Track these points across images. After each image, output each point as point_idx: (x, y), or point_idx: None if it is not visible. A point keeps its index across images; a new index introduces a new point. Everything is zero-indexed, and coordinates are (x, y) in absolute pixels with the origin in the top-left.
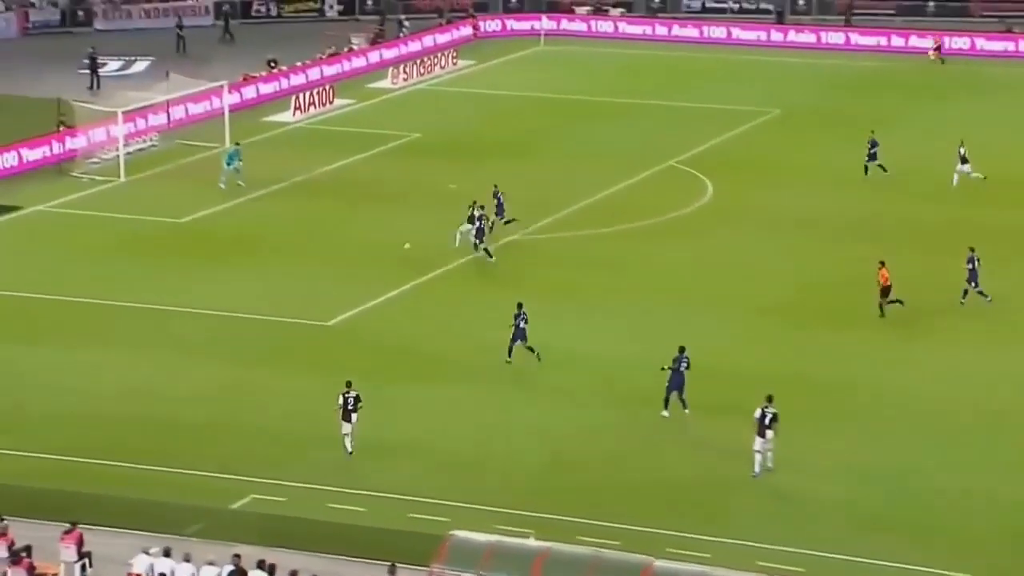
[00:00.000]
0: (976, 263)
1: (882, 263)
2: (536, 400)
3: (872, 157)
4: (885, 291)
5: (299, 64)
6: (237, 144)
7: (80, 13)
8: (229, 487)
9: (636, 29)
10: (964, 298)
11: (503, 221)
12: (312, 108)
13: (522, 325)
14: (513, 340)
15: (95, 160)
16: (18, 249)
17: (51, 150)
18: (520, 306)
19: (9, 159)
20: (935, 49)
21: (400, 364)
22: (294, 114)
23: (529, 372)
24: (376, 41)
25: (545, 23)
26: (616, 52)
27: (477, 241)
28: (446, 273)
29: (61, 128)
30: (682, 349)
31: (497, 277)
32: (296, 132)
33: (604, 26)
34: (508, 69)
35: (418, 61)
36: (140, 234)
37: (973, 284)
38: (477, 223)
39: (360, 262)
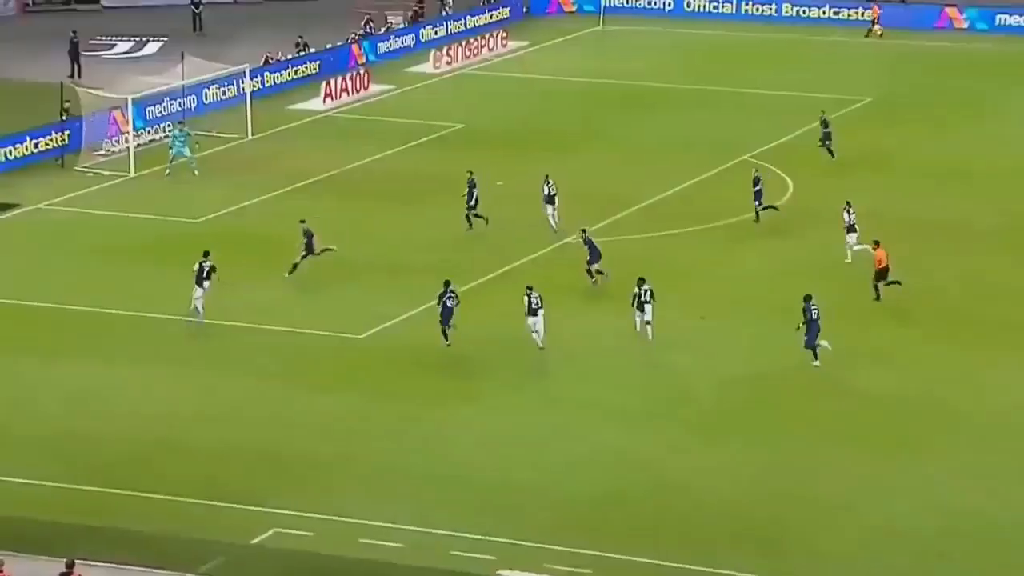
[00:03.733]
0: None
1: (876, 243)
2: (589, 423)
3: (825, 139)
4: (881, 273)
5: (329, 46)
6: (182, 125)
7: None
8: (249, 519)
9: (707, 6)
10: None
11: (472, 213)
12: (344, 95)
13: (449, 304)
14: (443, 322)
15: (102, 153)
16: (14, 252)
17: (53, 141)
18: (447, 284)
19: (5, 151)
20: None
21: (438, 382)
22: (324, 101)
23: (581, 392)
24: (416, 19)
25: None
26: (684, 33)
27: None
28: (490, 281)
29: (64, 116)
30: (808, 298)
31: (548, 287)
32: (326, 122)
33: (670, 3)
34: (563, 51)
35: (463, 42)
36: (152, 236)
37: None
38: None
39: (395, 268)
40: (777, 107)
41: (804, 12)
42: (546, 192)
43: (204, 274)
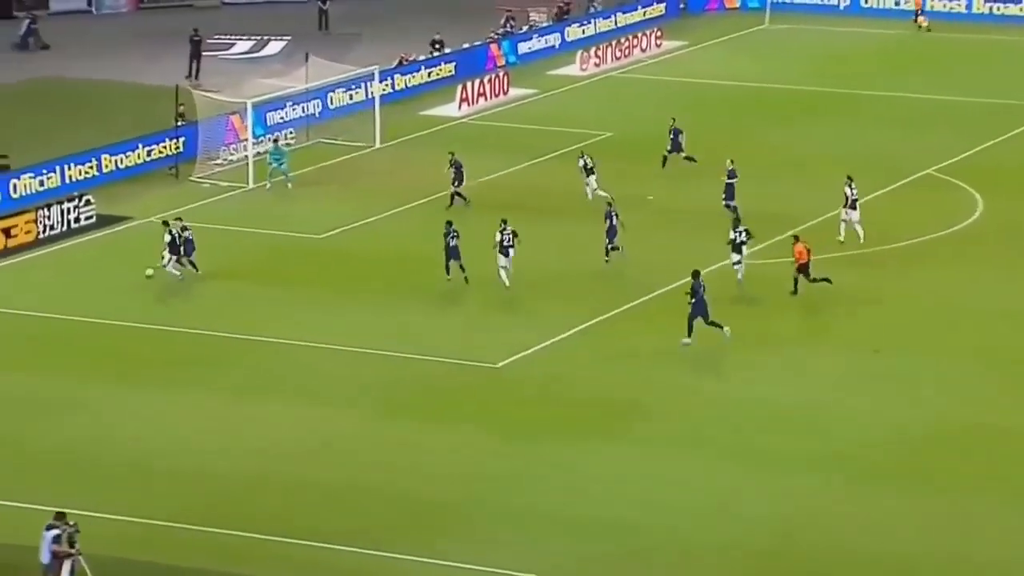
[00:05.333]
0: None
1: (796, 237)
2: (740, 467)
3: (675, 147)
4: (802, 267)
5: (466, 46)
6: (276, 142)
7: None
8: (367, 566)
9: (887, 1)
10: None
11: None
12: (481, 100)
13: (452, 243)
14: (447, 258)
15: (218, 162)
16: (126, 268)
17: (166, 149)
18: (450, 224)
19: (117, 160)
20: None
21: (584, 417)
22: (460, 107)
23: (733, 435)
24: (561, 17)
25: None
26: (860, 32)
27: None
28: (640, 307)
29: (179, 122)
30: (696, 274)
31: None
32: (461, 129)
33: (845, 1)
34: (724, 52)
35: (612, 42)
36: (270, 252)
37: None
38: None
39: (536, 291)
40: (964, 115)
41: (998, 9)
42: (582, 165)
43: (507, 242)
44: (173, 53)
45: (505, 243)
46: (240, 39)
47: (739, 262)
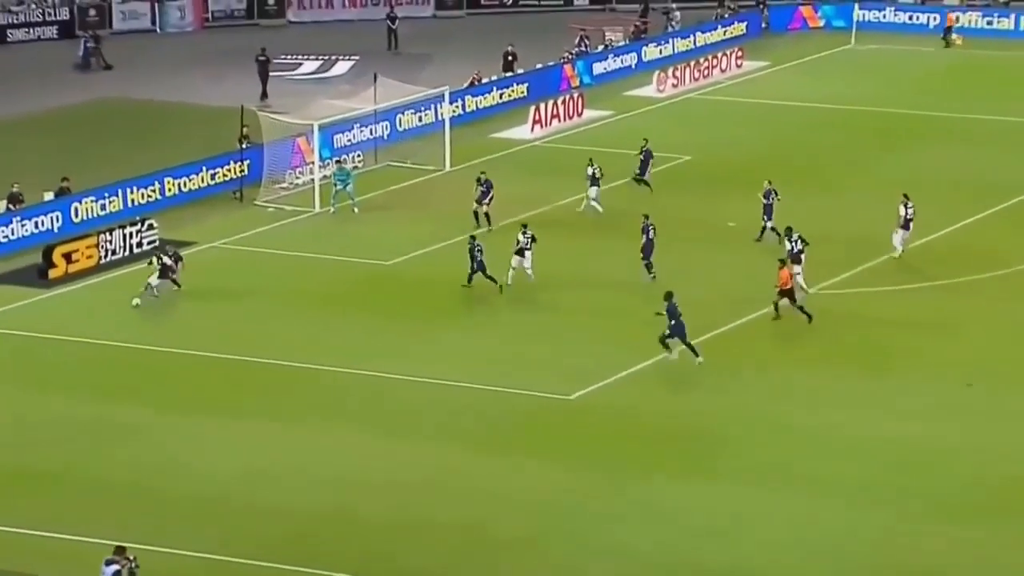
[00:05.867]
0: None
1: (782, 262)
2: (826, 503)
3: (642, 170)
4: (785, 292)
5: (539, 66)
6: (340, 163)
7: (270, 1)
8: None
9: (979, 21)
10: None
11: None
12: (555, 121)
13: (479, 257)
14: (472, 271)
15: (284, 185)
16: (190, 295)
17: (231, 172)
18: (473, 239)
19: (180, 183)
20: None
21: (663, 453)
22: (532, 129)
23: (819, 468)
24: (638, 36)
25: (857, 13)
26: (951, 52)
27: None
28: (721, 336)
29: (244, 144)
30: (669, 295)
31: (786, 344)
32: (534, 152)
33: (935, 19)
34: (808, 73)
35: (691, 63)
36: (337, 279)
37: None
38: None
39: (610, 319)
40: None
41: None
42: (590, 174)
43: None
44: (238, 73)
45: (524, 246)
46: (307, 59)
47: (798, 273)
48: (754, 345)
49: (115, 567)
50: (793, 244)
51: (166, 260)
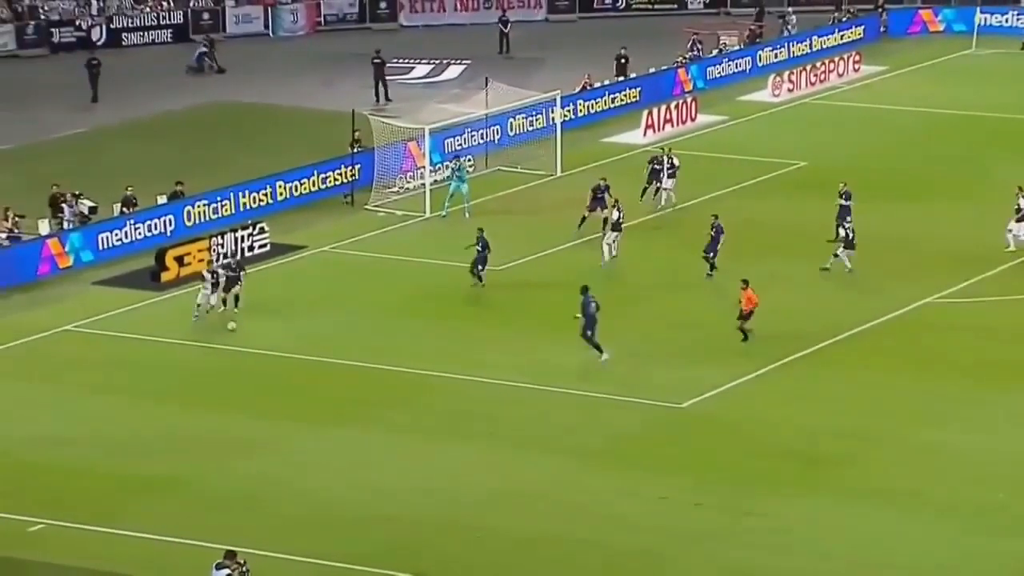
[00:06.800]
0: None
1: (745, 282)
2: (979, 525)
3: (653, 177)
4: (747, 315)
5: (652, 70)
6: (457, 159)
7: (382, 4)
8: None
9: None
10: None
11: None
12: (668, 126)
13: (484, 252)
14: (475, 265)
15: (395, 190)
16: (298, 300)
17: (341, 176)
18: (481, 230)
19: (292, 187)
20: None
21: (781, 467)
22: (644, 134)
23: (936, 490)
24: (753, 40)
25: (979, 17)
26: None
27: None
28: (831, 347)
29: (355, 148)
30: (585, 289)
31: (901, 355)
32: (646, 157)
33: None
34: (928, 78)
35: (807, 67)
36: (446, 285)
37: None
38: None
39: (719, 326)
40: None
41: None
42: (667, 164)
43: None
44: (350, 77)
45: (620, 220)
46: (419, 63)
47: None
48: (864, 361)
49: (226, 571)
50: (847, 231)
51: (227, 272)
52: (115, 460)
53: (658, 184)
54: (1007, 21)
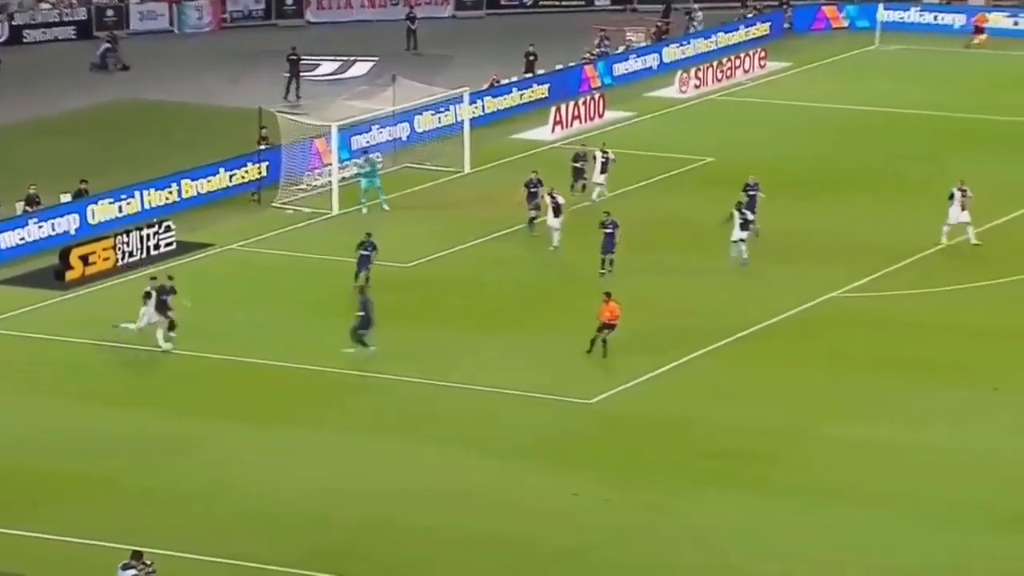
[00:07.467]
0: None
1: (608, 295)
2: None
3: (578, 176)
4: (608, 328)
5: (560, 67)
6: (367, 155)
7: (289, 1)
8: None
9: (1007, 22)
10: None
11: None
12: (576, 123)
13: (366, 253)
14: (359, 268)
15: (302, 187)
16: (206, 297)
17: (248, 174)
18: (368, 235)
19: (198, 185)
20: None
21: (691, 462)
22: (553, 130)
23: (873, 477)
24: (659, 37)
25: (882, 13)
26: (978, 54)
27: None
28: (738, 341)
29: (262, 146)
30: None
31: (809, 350)
32: (554, 154)
33: (960, 20)
34: (832, 74)
35: (714, 63)
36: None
37: None
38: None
39: (629, 321)
40: None
41: None
42: (601, 159)
43: (161, 300)
44: (256, 74)
45: (560, 204)
46: (325, 59)
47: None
48: (777, 354)
49: (132, 572)
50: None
51: (161, 295)
52: (33, 460)
53: (583, 181)
54: (909, 17)
